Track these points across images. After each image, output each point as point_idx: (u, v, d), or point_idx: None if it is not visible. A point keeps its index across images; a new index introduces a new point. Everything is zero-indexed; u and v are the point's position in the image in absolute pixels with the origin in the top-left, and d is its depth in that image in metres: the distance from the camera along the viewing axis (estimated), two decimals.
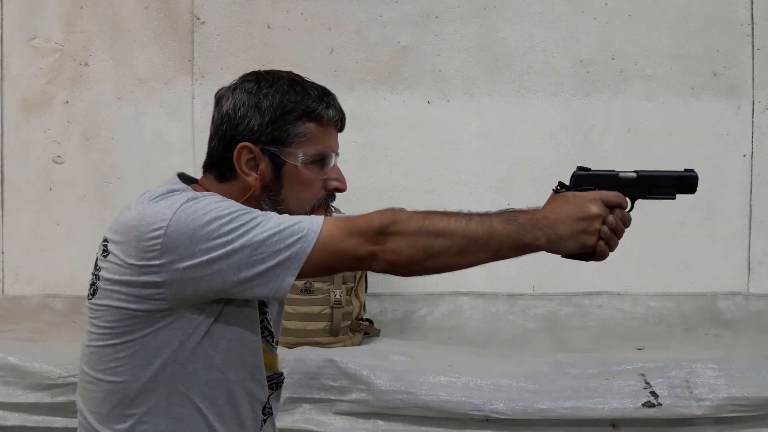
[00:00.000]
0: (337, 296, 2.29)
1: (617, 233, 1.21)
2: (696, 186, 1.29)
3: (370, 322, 2.49)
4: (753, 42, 2.69)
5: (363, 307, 2.41)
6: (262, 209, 1.26)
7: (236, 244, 1.13)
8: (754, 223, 2.71)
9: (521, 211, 1.19)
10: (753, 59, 2.69)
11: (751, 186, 2.72)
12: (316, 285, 2.29)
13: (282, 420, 2.05)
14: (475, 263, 1.18)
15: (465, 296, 2.69)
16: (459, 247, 1.15)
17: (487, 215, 1.18)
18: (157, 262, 1.15)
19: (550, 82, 2.72)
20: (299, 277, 1.17)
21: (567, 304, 2.67)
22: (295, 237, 1.14)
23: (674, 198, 1.30)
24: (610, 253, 1.22)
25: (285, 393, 2.06)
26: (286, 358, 2.11)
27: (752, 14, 2.69)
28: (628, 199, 1.25)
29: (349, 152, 2.71)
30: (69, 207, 2.77)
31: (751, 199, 2.72)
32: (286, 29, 2.73)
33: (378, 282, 2.60)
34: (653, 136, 2.69)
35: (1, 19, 2.79)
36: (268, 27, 2.73)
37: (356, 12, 2.72)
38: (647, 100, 2.71)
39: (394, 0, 2.71)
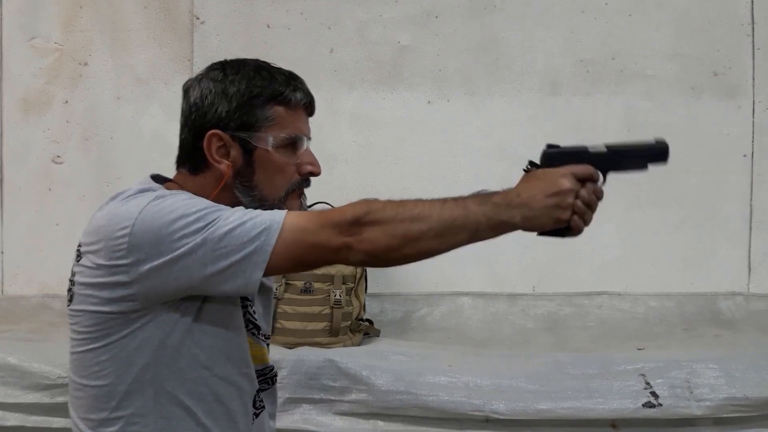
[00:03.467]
0: (337, 296, 2.29)
1: (591, 207, 1.21)
2: (667, 156, 1.28)
3: (370, 322, 2.49)
4: (753, 42, 2.69)
5: (363, 308, 2.41)
6: (236, 197, 1.27)
7: (199, 240, 1.12)
8: (755, 223, 2.71)
9: (495, 192, 1.19)
10: (753, 59, 2.69)
11: (751, 186, 2.71)
12: (316, 285, 2.29)
13: (282, 420, 2.04)
14: (454, 246, 1.17)
15: (465, 296, 2.69)
16: (436, 231, 1.14)
17: (461, 198, 1.18)
18: (124, 261, 1.14)
19: (550, 82, 2.72)
20: (271, 272, 1.16)
21: (567, 304, 2.67)
22: (258, 230, 1.13)
23: (647, 169, 1.29)
24: (585, 227, 1.21)
25: (285, 393, 2.06)
26: (286, 358, 2.11)
27: (752, 14, 2.68)
28: (599, 172, 1.24)
29: (349, 152, 2.73)
30: (68, 207, 2.77)
31: (751, 199, 2.72)
32: (286, 29, 2.72)
33: (378, 282, 2.60)
34: (653, 136, 2.68)
35: (1, 19, 2.79)
36: (268, 27, 2.72)
37: (356, 12, 2.72)
38: (647, 100, 2.70)
39: (395, 0, 2.71)
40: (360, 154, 2.72)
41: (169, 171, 1.36)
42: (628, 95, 2.71)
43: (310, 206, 2.06)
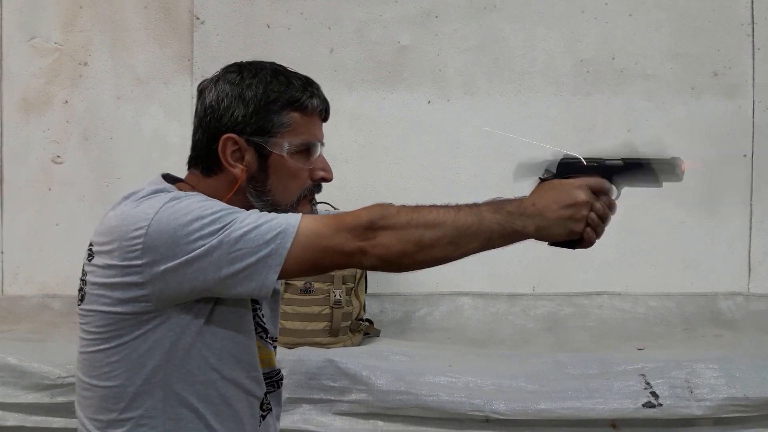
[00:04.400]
0: (337, 296, 2.29)
1: (604, 220, 1.21)
2: (682, 173, 1.27)
3: (370, 322, 2.49)
4: (753, 42, 2.69)
5: (363, 308, 2.41)
6: (248, 201, 1.27)
7: (214, 242, 1.12)
8: (755, 223, 2.71)
9: (509, 200, 1.18)
10: (753, 59, 2.69)
11: (751, 186, 2.71)
12: (316, 285, 2.29)
13: (282, 420, 2.03)
14: (466, 253, 1.17)
15: (465, 296, 2.69)
16: (450, 238, 1.15)
17: (475, 205, 1.17)
18: (139, 262, 1.14)
19: (550, 82, 2.72)
20: (286, 275, 1.16)
21: (567, 304, 2.67)
22: (273, 233, 1.13)
23: (661, 186, 1.28)
24: (597, 240, 1.22)
25: (285, 393, 2.06)
26: (286, 358, 2.11)
27: (752, 14, 2.68)
28: (614, 186, 1.24)
29: (349, 152, 2.73)
30: (68, 207, 2.77)
31: (751, 199, 2.72)
32: (286, 29, 2.72)
33: (378, 282, 2.60)
34: (653, 136, 2.69)
35: (1, 19, 2.79)
36: (268, 27, 2.72)
37: (356, 12, 2.72)
38: (647, 99, 2.70)
39: (395, 0, 2.71)
40: (360, 154, 2.72)
41: (169, 171, 1.35)
42: (628, 95, 2.71)
43: None
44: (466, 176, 2.71)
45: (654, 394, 2.01)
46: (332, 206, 2.26)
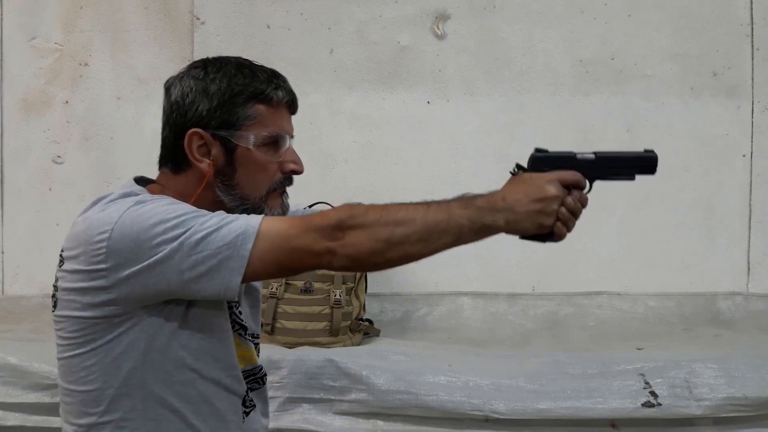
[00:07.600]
0: (337, 296, 2.29)
1: (575, 214, 1.21)
2: (655, 167, 1.26)
3: (370, 322, 2.49)
4: (753, 42, 2.69)
5: (363, 307, 2.41)
6: (217, 196, 1.26)
7: (175, 245, 1.12)
8: (754, 223, 2.71)
9: (479, 195, 1.18)
10: (753, 59, 2.69)
11: (751, 186, 2.72)
12: (316, 285, 2.29)
13: (282, 420, 2.05)
14: (437, 250, 1.16)
15: (465, 296, 2.69)
16: (420, 235, 1.14)
17: (445, 201, 1.17)
18: (103, 266, 1.14)
19: (550, 82, 2.72)
20: (254, 277, 1.16)
21: (567, 304, 2.67)
22: (233, 235, 1.12)
23: (633, 179, 1.27)
24: (568, 234, 1.21)
25: (285, 393, 2.07)
26: (286, 358, 2.11)
27: (752, 14, 2.69)
28: (586, 180, 1.23)
29: (349, 152, 2.74)
30: (68, 207, 2.77)
31: (751, 199, 2.72)
32: (286, 29, 2.73)
33: (378, 282, 2.60)
34: (653, 136, 2.69)
35: (1, 19, 2.79)
36: (268, 27, 2.73)
37: (356, 12, 2.72)
38: (647, 100, 2.71)
39: (394, 0, 2.71)
40: (360, 154, 2.72)
41: None
42: (628, 95, 2.71)
43: (310, 206, 2.06)
44: (465, 176, 2.71)
45: (653, 393, 2.02)
46: (331, 206, 2.26)
